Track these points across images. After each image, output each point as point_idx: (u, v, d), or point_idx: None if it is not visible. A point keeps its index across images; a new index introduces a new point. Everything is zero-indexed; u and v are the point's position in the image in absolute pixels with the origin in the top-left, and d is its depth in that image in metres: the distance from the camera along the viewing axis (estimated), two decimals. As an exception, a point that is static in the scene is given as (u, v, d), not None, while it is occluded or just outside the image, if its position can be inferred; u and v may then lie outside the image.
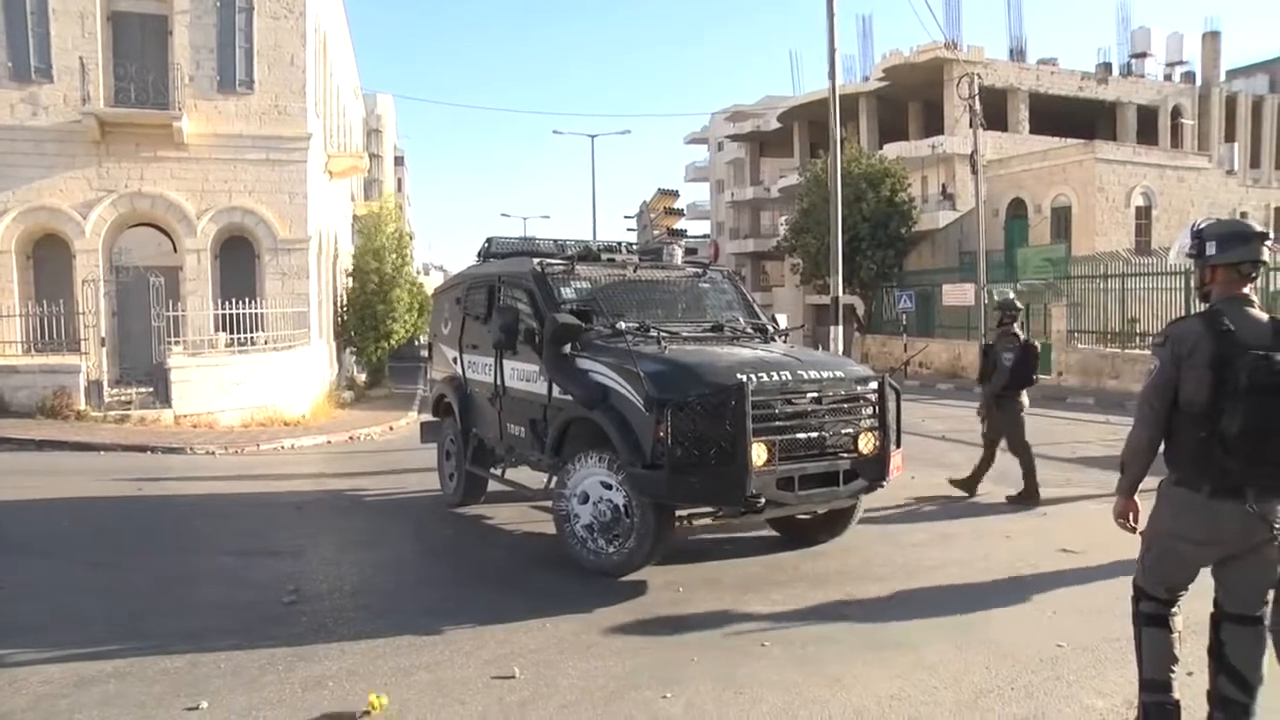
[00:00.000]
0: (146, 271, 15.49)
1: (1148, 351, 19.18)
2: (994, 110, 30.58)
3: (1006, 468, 8.76)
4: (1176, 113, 37.66)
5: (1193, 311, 3.71)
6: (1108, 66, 38.65)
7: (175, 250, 16.93)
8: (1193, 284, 3.20)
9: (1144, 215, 27.83)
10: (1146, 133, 35.82)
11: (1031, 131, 34.01)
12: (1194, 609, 3.51)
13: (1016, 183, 29.11)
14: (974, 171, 24.05)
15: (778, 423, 5.68)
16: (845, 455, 5.93)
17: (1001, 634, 4.85)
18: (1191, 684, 4.00)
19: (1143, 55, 39.38)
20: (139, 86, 16.32)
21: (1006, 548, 6.74)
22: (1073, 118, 35.46)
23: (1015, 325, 8.90)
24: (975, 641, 4.73)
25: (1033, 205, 28.48)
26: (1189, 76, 40.08)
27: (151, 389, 14.51)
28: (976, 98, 23.71)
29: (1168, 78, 39.86)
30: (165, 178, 16.53)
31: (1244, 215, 29.47)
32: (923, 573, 6.08)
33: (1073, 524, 7.52)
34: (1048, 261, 23.94)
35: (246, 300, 15.63)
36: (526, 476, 7.83)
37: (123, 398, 14.45)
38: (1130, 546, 6.68)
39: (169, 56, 16.47)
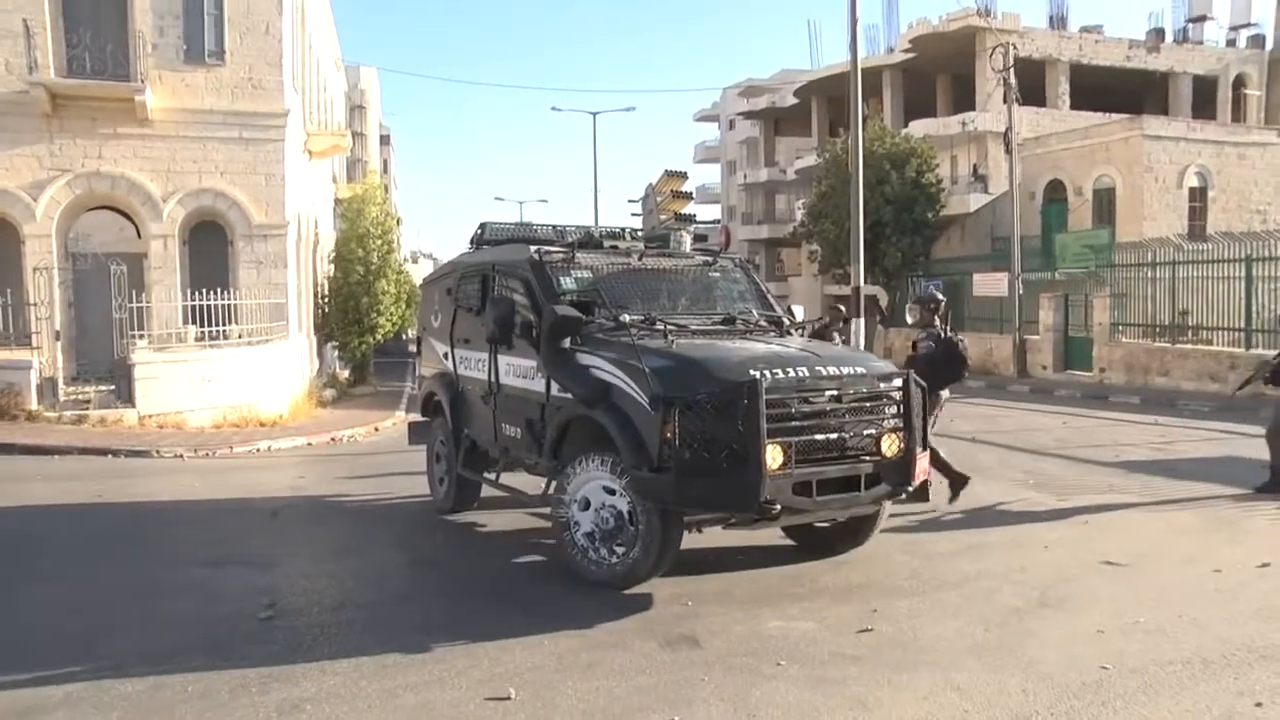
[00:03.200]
0: (107, 259, 15.45)
1: (1201, 346, 19.22)
2: (1031, 83, 30.47)
3: (1029, 466, 8.74)
4: (1240, 82, 36.87)
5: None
6: (1160, 33, 37.66)
7: (139, 236, 16.89)
8: None
9: (1198, 197, 27.58)
10: (1203, 105, 35.32)
11: (1072, 107, 33.90)
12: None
13: (1055, 163, 29.02)
14: (1008, 151, 24.00)
15: (794, 423, 5.67)
16: (867, 458, 5.92)
17: (1040, 654, 4.83)
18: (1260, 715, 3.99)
19: (1202, 19, 38.27)
20: (95, 56, 16.05)
21: (1045, 559, 6.73)
22: (1118, 91, 35.29)
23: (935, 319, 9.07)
24: (1010, 662, 4.72)
25: (1073, 187, 28.38)
26: (1256, 40, 38.80)
27: (113, 387, 14.51)
28: (1011, 70, 23.65)
29: (1231, 43, 38.89)
30: (127, 156, 16.44)
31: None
32: (952, 585, 6.07)
33: (1117, 534, 7.51)
34: (1089, 249, 23.88)
35: (218, 291, 15.61)
36: (523, 481, 7.84)
37: (80, 396, 14.44)
38: (1182, 559, 6.70)
39: (129, 23, 16.27)
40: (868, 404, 6.05)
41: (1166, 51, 36.12)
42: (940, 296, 9.36)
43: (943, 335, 8.71)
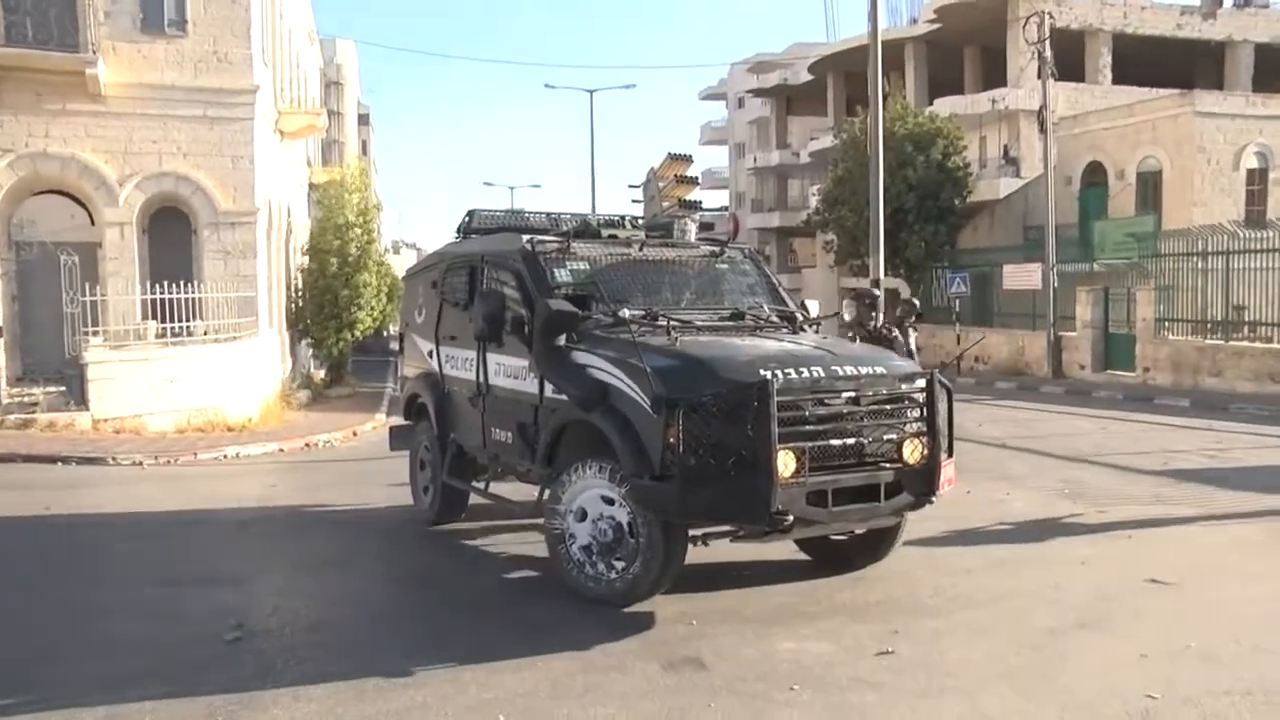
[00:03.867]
0: (56, 248, 15.43)
1: (1259, 344, 19.12)
2: (1069, 57, 30.38)
3: (1065, 474, 8.74)
4: (1312, 50, 36.13)
5: None
6: (1218, -3, 37.31)
7: (93, 223, 16.86)
8: None
9: (1258, 179, 27.29)
10: (1266, 77, 34.54)
11: (1115, 81, 33.73)
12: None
13: (1094, 143, 28.98)
14: (1042, 131, 23.98)
15: (808, 427, 5.69)
16: (887, 465, 5.93)
17: (1077, 680, 4.83)
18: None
19: (1269, -22, 37.81)
20: (38, 23, 15.77)
21: (1082, 576, 6.73)
22: (1167, 64, 35.07)
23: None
24: (1045, 689, 4.73)
25: (1114, 170, 28.34)
26: (1336, 0, 37.71)
27: (63, 388, 14.52)
28: (1047, 42, 23.63)
29: (1305, 4, 38.50)
30: (78, 136, 16.32)
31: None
32: (980, 604, 6.08)
33: (1165, 549, 7.51)
34: (1131, 237, 23.86)
35: (181, 283, 15.59)
36: (514, 490, 7.84)
37: (26, 398, 14.43)
38: (1239, 578, 6.68)
39: (76, -12, 16.21)
40: (888, 406, 6.06)
41: (1224, 17, 35.52)
42: (876, 292, 9.88)
43: (872, 330, 8.98)
